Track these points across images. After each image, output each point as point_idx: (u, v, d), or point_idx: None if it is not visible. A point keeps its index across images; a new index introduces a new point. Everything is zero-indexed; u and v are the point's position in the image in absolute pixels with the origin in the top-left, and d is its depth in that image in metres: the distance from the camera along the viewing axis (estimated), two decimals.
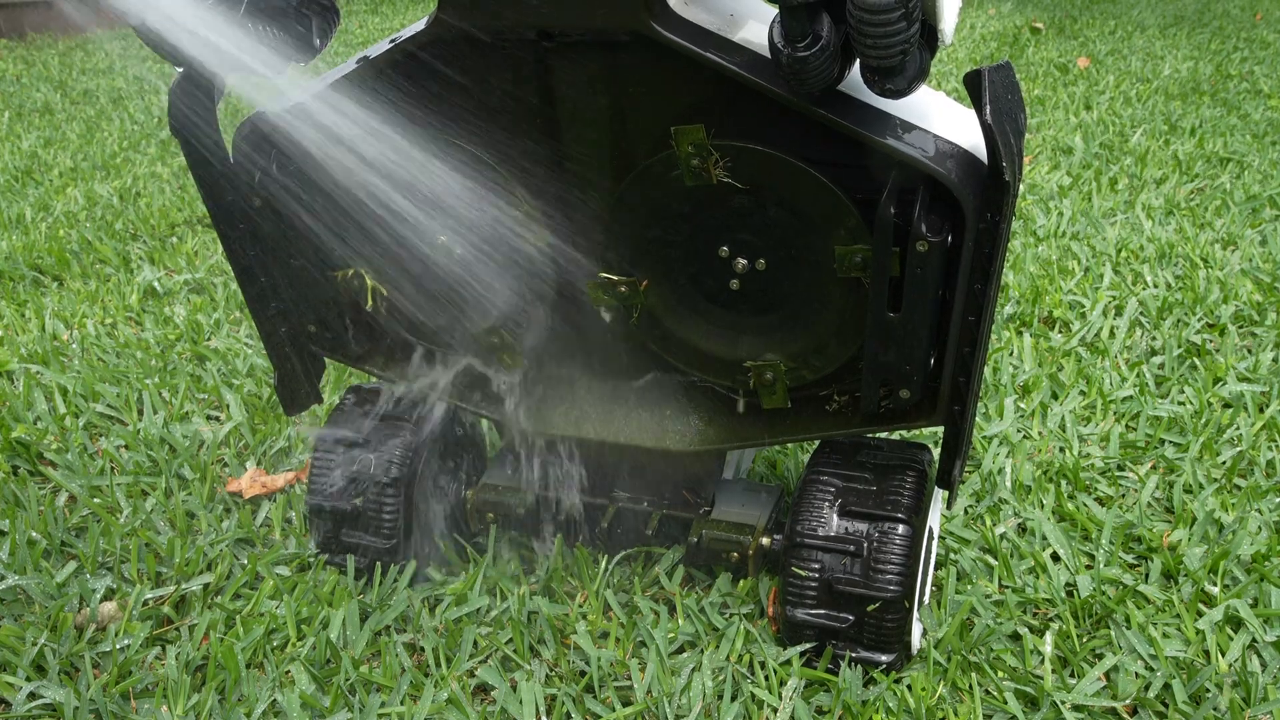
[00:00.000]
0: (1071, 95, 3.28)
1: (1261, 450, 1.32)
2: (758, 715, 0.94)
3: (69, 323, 1.78)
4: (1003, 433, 1.36)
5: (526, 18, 0.76)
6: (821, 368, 0.91)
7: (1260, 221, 2.13)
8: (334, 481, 1.08)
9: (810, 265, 0.85)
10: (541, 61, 0.80)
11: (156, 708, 0.95)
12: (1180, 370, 1.53)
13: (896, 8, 0.63)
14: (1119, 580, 1.09)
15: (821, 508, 0.95)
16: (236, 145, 0.91)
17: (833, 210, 0.80)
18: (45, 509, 1.24)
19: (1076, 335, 1.63)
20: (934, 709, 0.93)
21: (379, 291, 0.98)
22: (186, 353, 1.65)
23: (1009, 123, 0.72)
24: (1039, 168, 2.54)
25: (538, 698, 0.95)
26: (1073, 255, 1.97)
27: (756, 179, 0.81)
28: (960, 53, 4.00)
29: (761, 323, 0.91)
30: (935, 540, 1.07)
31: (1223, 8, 5.18)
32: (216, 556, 1.16)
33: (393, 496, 1.06)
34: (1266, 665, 0.98)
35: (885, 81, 0.69)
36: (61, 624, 1.05)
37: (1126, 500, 1.25)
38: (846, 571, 0.93)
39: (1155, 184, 2.39)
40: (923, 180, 0.77)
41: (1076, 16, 4.96)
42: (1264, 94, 3.24)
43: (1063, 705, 0.94)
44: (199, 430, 1.42)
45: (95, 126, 3.28)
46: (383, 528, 1.07)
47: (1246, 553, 1.11)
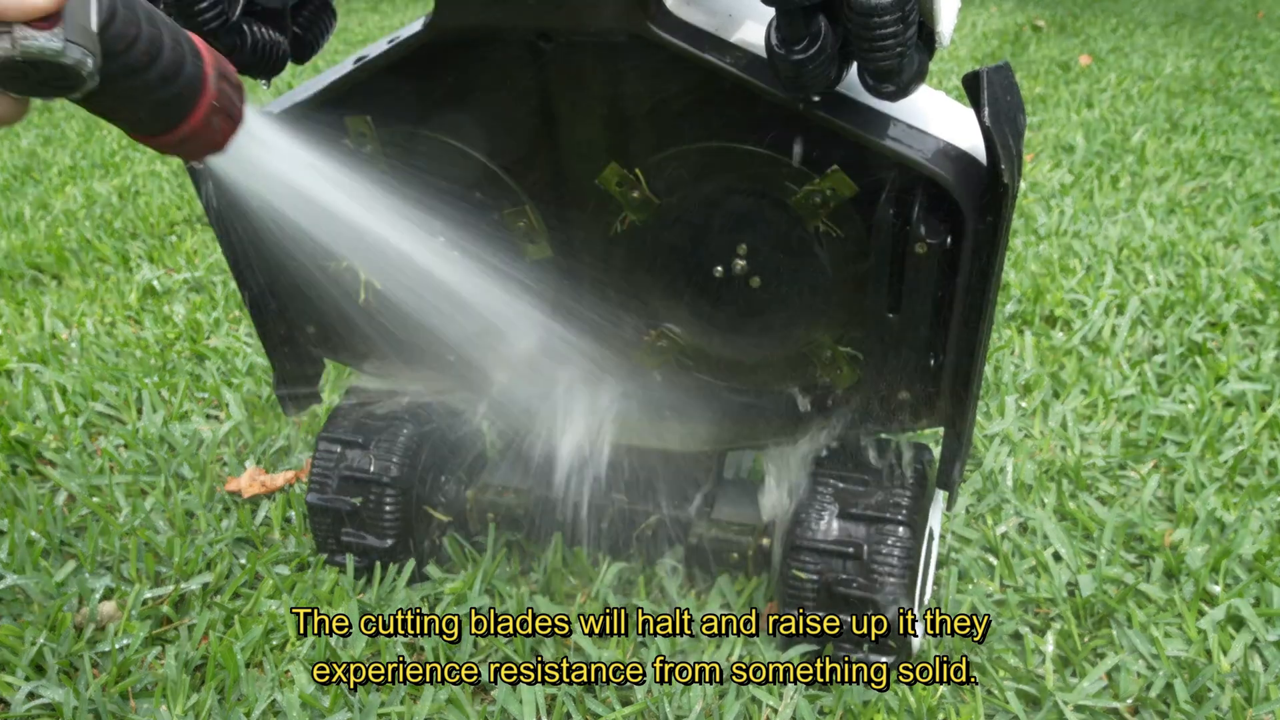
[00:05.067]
0: (1073, 93, 3.27)
1: (1264, 449, 1.31)
2: (758, 715, 0.94)
3: (68, 321, 1.78)
4: (1004, 431, 1.36)
5: (524, 19, 0.76)
6: (860, 337, 0.89)
7: (1262, 220, 2.12)
8: (333, 481, 1.08)
9: (798, 233, 0.84)
10: (539, 63, 0.80)
11: (156, 707, 0.95)
12: (1182, 369, 1.53)
13: (893, 9, 0.63)
14: (1120, 579, 1.09)
15: (821, 509, 0.95)
16: None
17: (774, 171, 0.80)
18: (44, 508, 1.24)
19: (1078, 334, 1.63)
20: (935, 709, 0.93)
21: (372, 285, 0.97)
22: (186, 351, 1.65)
23: (1008, 124, 0.72)
24: (1040, 165, 2.54)
25: (538, 698, 0.95)
26: (1074, 253, 1.97)
27: (713, 177, 0.81)
28: (961, 50, 3.99)
29: (793, 307, 0.89)
30: (936, 540, 1.06)
31: (1225, 5, 5.17)
32: (216, 556, 1.15)
33: (393, 496, 1.06)
34: (1268, 665, 0.98)
35: (883, 84, 0.68)
36: (60, 623, 1.05)
37: (1128, 499, 1.24)
38: (846, 573, 0.93)
39: (1157, 182, 2.39)
40: (921, 182, 0.77)
41: (1078, 14, 4.95)
42: (1266, 92, 3.23)
43: (1064, 705, 0.94)
44: (198, 429, 1.41)
45: (94, 125, 3.28)
46: (383, 527, 1.07)
47: (1248, 552, 1.11)
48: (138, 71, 0.60)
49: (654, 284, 0.90)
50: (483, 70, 0.82)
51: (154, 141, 0.65)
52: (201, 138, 0.66)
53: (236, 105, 0.67)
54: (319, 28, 0.86)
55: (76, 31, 0.55)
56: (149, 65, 0.60)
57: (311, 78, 0.89)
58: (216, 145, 0.67)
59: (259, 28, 0.79)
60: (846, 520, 0.94)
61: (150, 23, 0.61)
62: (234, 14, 0.76)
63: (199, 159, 0.68)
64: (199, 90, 0.64)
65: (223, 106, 0.66)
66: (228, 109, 0.66)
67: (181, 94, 0.63)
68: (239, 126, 0.68)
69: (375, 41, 0.85)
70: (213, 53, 0.66)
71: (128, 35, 0.59)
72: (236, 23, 0.77)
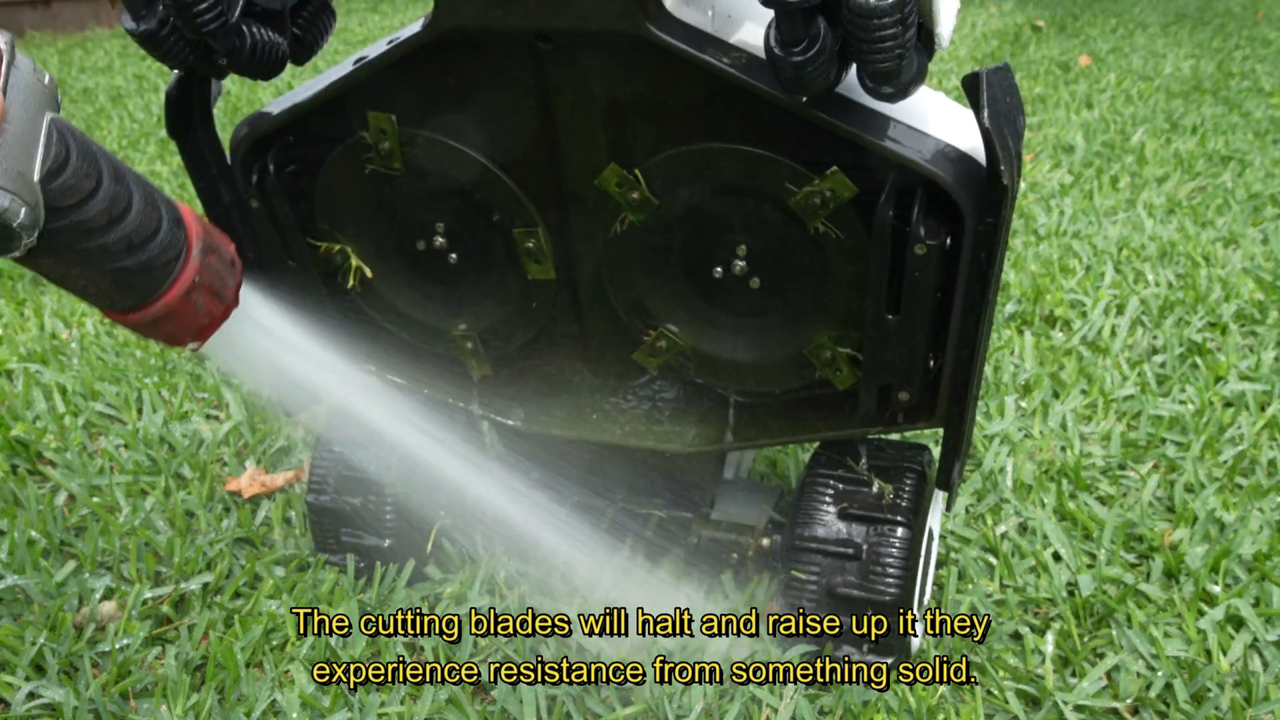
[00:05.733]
0: (1073, 93, 3.27)
1: (1263, 449, 1.31)
2: (758, 715, 0.94)
3: (68, 321, 1.78)
4: (1004, 431, 1.36)
5: (523, 20, 0.76)
6: (859, 337, 0.89)
7: (1262, 220, 2.12)
8: (333, 481, 1.08)
9: (798, 234, 0.84)
10: (538, 64, 0.80)
11: (156, 707, 0.95)
12: (1182, 369, 1.53)
13: (892, 11, 0.63)
14: (1120, 579, 1.09)
15: (820, 510, 0.95)
16: (234, 147, 0.91)
17: (774, 172, 0.80)
18: (44, 508, 1.24)
19: (1078, 334, 1.63)
20: (934, 709, 0.93)
21: (363, 271, 0.97)
22: (186, 351, 1.65)
23: (1007, 126, 0.72)
24: (1040, 166, 2.54)
25: (538, 698, 0.95)
26: (1074, 254, 1.97)
27: (712, 177, 0.82)
28: (961, 51, 3.99)
29: (792, 308, 0.89)
30: (935, 541, 1.07)
31: (1224, 5, 5.17)
32: (216, 556, 1.16)
33: (393, 496, 1.06)
34: (1268, 665, 0.98)
35: (882, 85, 0.68)
36: (61, 623, 1.05)
37: (1128, 499, 1.24)
38: (845, 574, 0.93)
39: (1157, 182, 2.39)
40: (921, 183, 0.77)
41: (1078, 14, 4.95)
42: (1265, 92, 3.23)
43: (1064, 705, 0.94)
44: (198, 429, 1.41)
45: (95, 125, 3.28)
46: (383, 527, 1.07)
47: (1248, 552, 1.11)
48: (93, 232, 0.51)
49: (653, 285, 0.91)
50: (482, 71, 0.82)
51: (124, 319, 0.56)
52: (181, 319, 0.57)
53: (228, 284, 0.59)
54: (318, 29, 0.86)
55: (7, 175, 0.46)
56: (108, 226, 0.52)
57: (311, 78, 0.89)
58: (202, 330, 0.59)
59: (258, 29, 0.79)
60: (845, 521, 0.94)
61: (116, 179, 0.52)
62: (233, 15, 0.76)
63: (180, 345, 0.60)
64: (178, 262, 0.55)
65: (208, 284, 0.57)
66: (215, 288, 0.58)
67: (153, 265, 0.54)
68: (230, 310, 0.59)
69: (375, 42, 0.85)
70: (202, 222, 0.58)
71: (82, 189, 0.50)
72: (236, 24, 0.77)
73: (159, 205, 0.55)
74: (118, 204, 0.52)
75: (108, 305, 0.56)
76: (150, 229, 0.54)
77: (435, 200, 0.91)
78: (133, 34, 0.74)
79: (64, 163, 0.49)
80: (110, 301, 0.55)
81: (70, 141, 0.51)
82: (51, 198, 0.49)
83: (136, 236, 0.53)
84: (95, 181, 0.51)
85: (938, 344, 0.85)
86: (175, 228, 0.55)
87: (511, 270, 0.93)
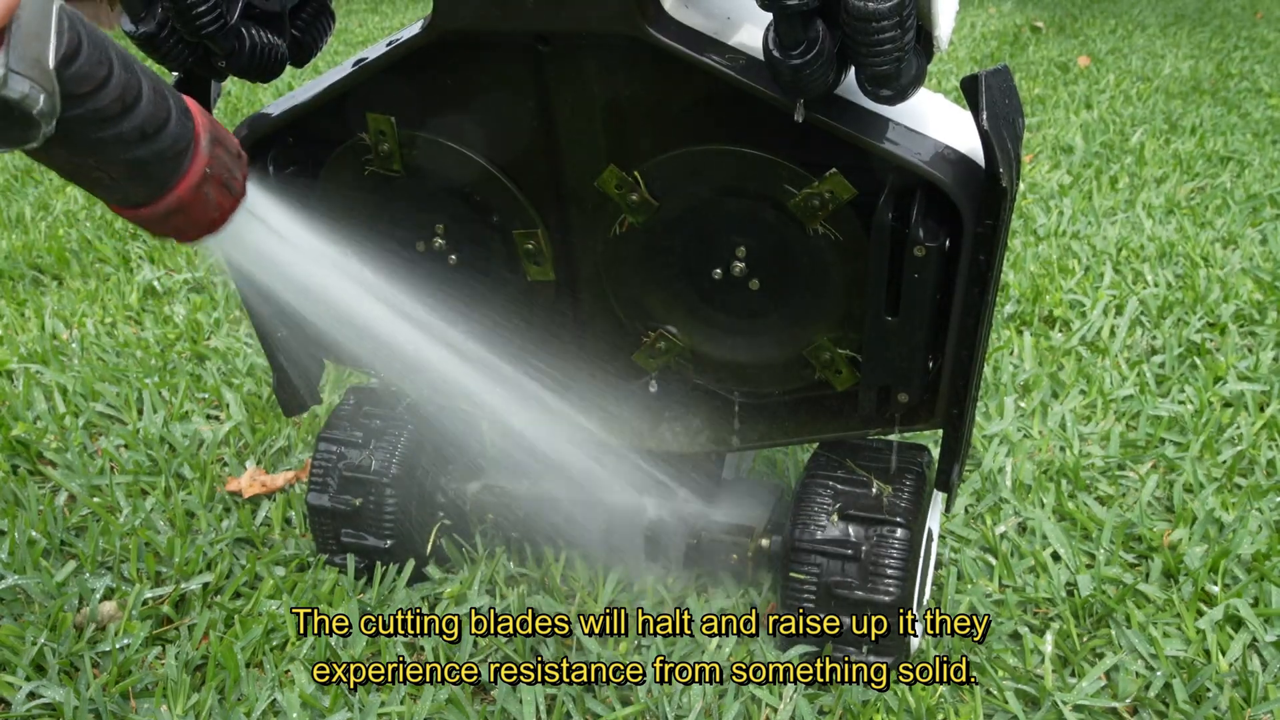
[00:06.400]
0: (1072, 94, 3.27)
1: (1262, 449, 1.32)
2: (758, 715, 0.94)
3: (69, 322, 1.78)
4: (1003, 432, 1.36)
5: (522, 22, 0.76)
6: (858, 339, 0.89)
7: (1261, 220, 2.13)
8: (333, 481, 1.08)
9: (797, 234, 0.84)
10: (537, 65, 0.80)
11: (156, 707, 0.96)
12: (1181, 369, 1.53)
13: (891, 14, 0.63)
14: (1119, 579, 1.09)
15: (819, 511, 0.95)
16: None
17: (773, 174, 0.80)
18: (45, 508, 1.24)
19: (1077, 334, 1.63)
20: (934, 709, 0.93)
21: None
22: (186, 352, 1.65)
23: (1006, 128, 0.72)
24: (1039, 166, 2.54)
25: (538, 698, 0.95)
26: (1073, 254, 1.97)
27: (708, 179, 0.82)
28: (960, 51, 3.99)
29: (791, 309, 0.89)
30: (935, 541, 1.07)
31: (1223, 6, 5.17)
32: (216, 556, 1.16)
33: (392, 496, 1.06)
34: (1267, 665, 0.98)
35: (880, 88, 0.69)
36: (61, 623, 1.05)
37: (1127, 499, 1.25)
38: (844, 575, 0.93)
39: (1156, 183, 2.39)
40: (920, 184, 0.77)
41: (1077, 15, 4.95)
42: (1264, 93, 3.23)
43: (1063, 705, 0.94)
44: (199, 429, 1.42)
45: None
46: (383, 527, 1.07)
47: (1247, 552, 1.11)
48: (108, 121, 0.50)
49: (653, 286, 0.91)
50: (481, 73, 0.83)
51: (137, 215, 0.55)
52: (193, 212, 0.56)
53: (235, 176, 0.58)
54: (317, 30, 0.86)
55: (24, 62, 0.45)
56: (122, 115, 0.51)
57: (311, 80, 0.90)
58: (212, 223, 0.58)
59: (258, 31, 0.79)
60: (845, 522, 0.94)
61: (125, 68, 0.52)
62: (232, 17, 0.76)
63: (192, 240, 0.59)
64: (188, 153, 0.54)
65: (218, 176, 0.56)
66: (224, 180, 0.57)
67: (165, 155, 0.53)
68: (239, 203, 0.58)
69: (375, 43, 0.86)
70: (207, 115, 0.57)
71: (95, 76, 0.50)
72: (235, 26, 0.77)
73: (167, 95, 0.54)
74: (130, 91, 0.52)
75: (120, 200, 0.55)
76: (161, 118, 0.53)
77: (435, 202, 0.91)
78: (132, 36, 0.75)
79: (77, 49, 0.49)
80: (123, 195, 0.54)
81: (80, 29, 0.50)
82: (67, 85, 0.48)
83: (149, 125, 0.52)
84: (107, 69, 0.51)
85: (937, 345, 0.85)
86: (184, 117, 0.55)
87: (511, 271, 0.94)
